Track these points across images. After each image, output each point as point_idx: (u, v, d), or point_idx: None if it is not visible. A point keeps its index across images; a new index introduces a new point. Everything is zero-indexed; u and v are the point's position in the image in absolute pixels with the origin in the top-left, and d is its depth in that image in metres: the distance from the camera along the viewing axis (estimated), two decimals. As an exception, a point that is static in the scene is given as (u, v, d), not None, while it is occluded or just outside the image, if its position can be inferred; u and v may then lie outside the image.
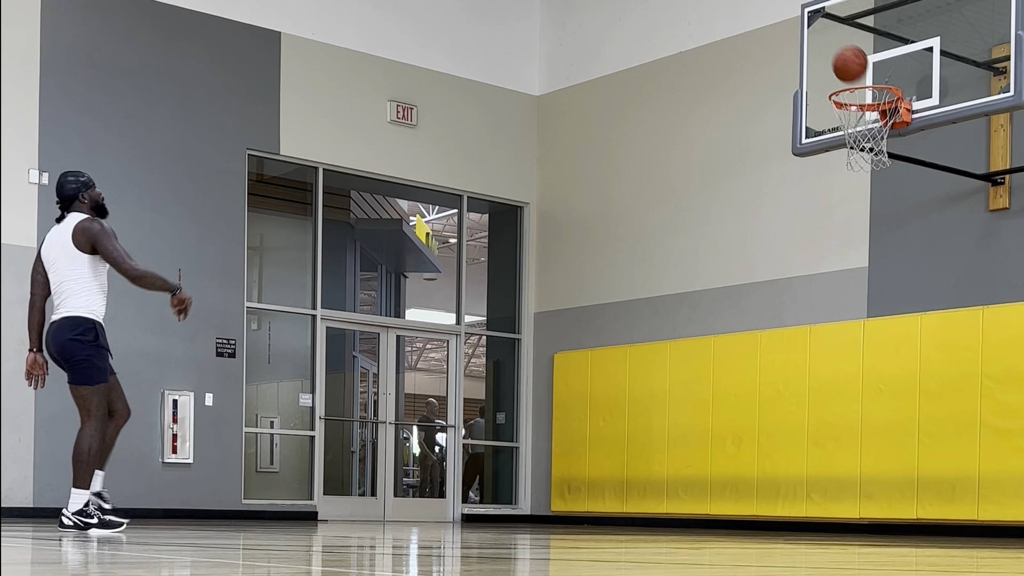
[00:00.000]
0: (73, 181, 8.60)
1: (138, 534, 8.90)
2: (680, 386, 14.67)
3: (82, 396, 8.64)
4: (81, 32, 13.32)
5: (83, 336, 8.49)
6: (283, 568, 5.11)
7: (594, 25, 16.09)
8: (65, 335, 8.50)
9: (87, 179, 8.69)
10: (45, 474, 12.90)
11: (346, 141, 15.14)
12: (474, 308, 18.35)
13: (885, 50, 11.02)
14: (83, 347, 8.51)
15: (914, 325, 12.56)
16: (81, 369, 8.55)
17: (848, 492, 12.99)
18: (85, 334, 8.49)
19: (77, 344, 8.51)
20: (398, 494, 16.55)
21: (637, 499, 14.99)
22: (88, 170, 13.20)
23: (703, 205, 14.80)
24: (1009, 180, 12.22)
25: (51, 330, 8.63)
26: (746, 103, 14.35)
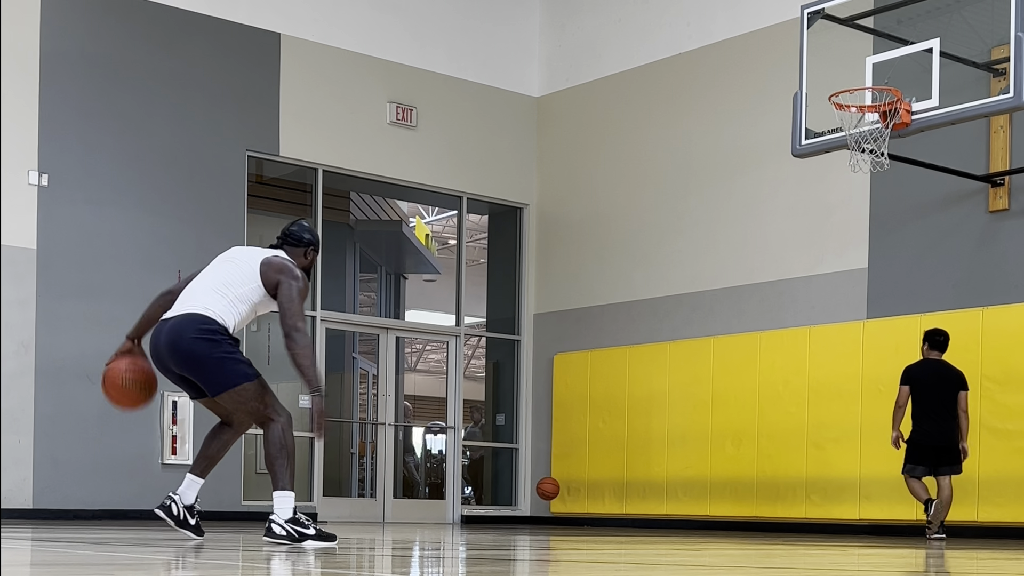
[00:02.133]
0: (310, 231, 7.51)
1: (138, 534, 8.89)
2: (680, 387, 14.67)
3: (245, 400, 7.20)
4: (81, 33, 13.32)
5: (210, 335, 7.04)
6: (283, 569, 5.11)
7: (593, 26, 16.09)
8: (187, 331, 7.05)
9: (317, 241, 7.59)
10: (45, 475, 12.90)
11: (345, 142, 15.14)
12: (474, 309, 18.34)
13: (885, 51, 11.02)
14: (214, 342, 7.03)
15: (914, 326, 12.55)
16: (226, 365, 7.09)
17: (848, 493, 12.99)
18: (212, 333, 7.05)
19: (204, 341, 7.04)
20: (398, 495, 16.54)
21: (637, 500, 14.99)
22: (88, 171, 13.28)
23: (703, 206, 14.80)
24: (1009, 181, 12.23)
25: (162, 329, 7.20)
26: (746, 104, 14.36)
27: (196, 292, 7.20)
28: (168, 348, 7.11)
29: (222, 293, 7.17)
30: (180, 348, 7.06)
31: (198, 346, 7.03)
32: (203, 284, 7.25)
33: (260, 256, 7.29)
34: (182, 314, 7.13)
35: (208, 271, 7.37)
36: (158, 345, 7.19)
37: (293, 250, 7.45)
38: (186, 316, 7.10)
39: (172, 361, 7.14)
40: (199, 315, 7.08)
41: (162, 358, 7.20)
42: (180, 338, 7.06)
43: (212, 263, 7.46)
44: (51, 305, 13.01)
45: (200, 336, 7.04)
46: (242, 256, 7.36)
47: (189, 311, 7.11)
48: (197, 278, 7.36)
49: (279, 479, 7.14)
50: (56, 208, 13.06)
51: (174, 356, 7.11)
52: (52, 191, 13.04)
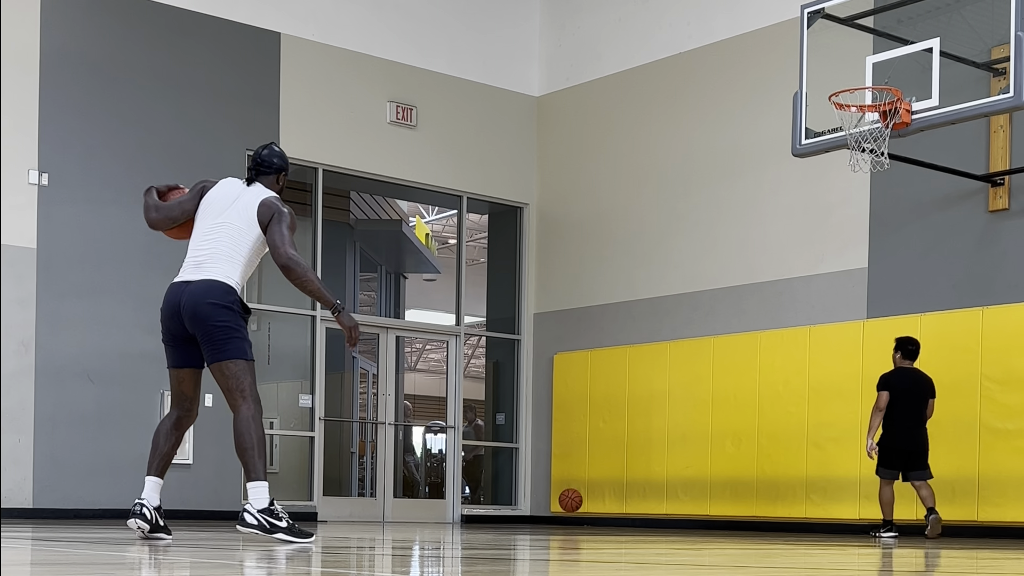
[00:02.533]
0: (280, 155, 7.65)
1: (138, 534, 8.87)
2: (680, 387, 14.67)
3: (233, 374, 7.29)
4: (81, 33, 13.32)
5: (232, 304, 7.25)
6: (283, 568, 5.11)
7: (594, 26, 16.09)
8: (208, 298, 7.23)
9: (288, 162, 7.76)
10: (45, 475, 12.90)
11: (346, 142, 15.14)
12: (474, 309, 18.34)
13: (885, 51, 11.02)
14: (233, 315, 7.25)
15: (914, 326, 12.56)
16: (232, 340, 7.25)
17: (848, 493, 12.99)
18: (233, 304, 7.26)
19: (226, 311, 7.23)
20: (398, 495, 16.54)
21: (637, 500, 14.99)
22: (87, 170, 13.27)
23: (703, 206, 14.80)
24: (1009, 181, 12.23)
25: (185, 290, 7.35)
26: (746, 104, 14.36)
27: (212, 254, 7.39)
28: (190, 308, 7.28)
29: (233, 258, 7.39)
30: (199, 312, 7.26)
31: (217, 313, 7.25)
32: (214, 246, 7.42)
33: (254, 203, 7.44)
34: (204, 279, 7.32)
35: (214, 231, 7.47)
36: (178, 303, 7.36)
37: (267, 178, 7.64)
38: (210, 282, 7.30)
39: (189, 321, 7.31)
40: (222, 283, 7.30)
41: (178, 316, 7.36)
42: (202, 302, 7.26)
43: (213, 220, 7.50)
44: (51, 305, 13.01)
45: (222, 304, 7.25)
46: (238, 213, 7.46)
47: (211, 277, 7.31)
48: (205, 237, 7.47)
49: (252, 469, 7.30)
50: (56, 208, 13.06)
51: (193, 317, 7.29)
52: (52, 191, 13.04)
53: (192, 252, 7.53)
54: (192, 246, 7.57)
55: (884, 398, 11.50)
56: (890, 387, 11.54)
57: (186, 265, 7.52)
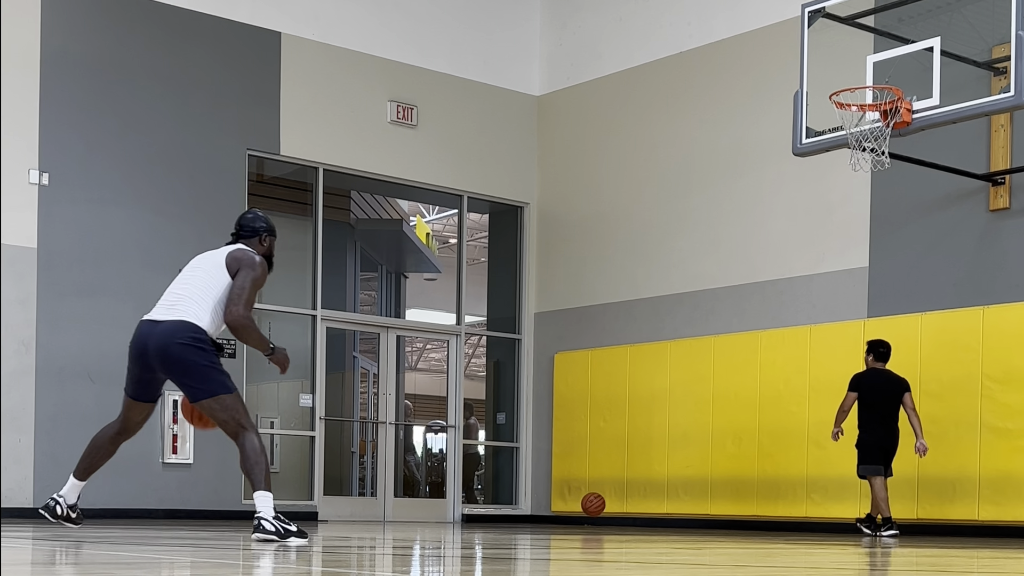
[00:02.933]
0: (262, 219, 7.98)
1: (138, 534, 8.90)
2: (680, 386, 14.67)
3: (225, 408, 7.50)
4: (81, 33, 13.32)
5: (201, 342, 7.45)
6: (283, 568, 5.10)
7: (594, 25, 16.09)
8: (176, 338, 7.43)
9: (273, 227, 8.02)
10: (45, 474, 12.89)
11: (346, 141, 15.14)
12: (474, 308, 18.34)
13: (885, 50, 11.02)
14: (203, 352, 7.45)
15: (914, 325, 12.56)
16: (211, 375, 7.46)
17: (848, 492, 12.98)
18: (201, 342, 7.46)
19: (195, 349, 7.44)
20: (398, 494, 16.54)
21: (637, 499, 14.99)
22: (88, 170, 13.27)
23: (703, 205, 14.80)
24: (1009, 180, 12.22)
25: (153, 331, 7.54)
26: (746, 103, 14.35)
27: (182, 297, 7.60)
28: (158, 350, 7.50)
29: (203, 301, 7.58)
30: (171, 353, 7.47)
31: (188, 353, 7.45)
32: (186, 290, 7.64)
33: (225, 253, 7.72)
34: (172, 320, 7.51)
35: (186, 277, 7.75)
36: (145, 344, 7.58)
37: (250, 240, 7.90)
38: (177, 323, 7.48)
39: (158, 362, 7.55)
40: (190, 323, 7.48)
41: (146, 356, 7.59)
42: (171, 343, 7.46)
43: (187, 270, 7.82)
44: (52, 304, 13.01)
45: (191, 343, 7.44)
46: (210, 260, 7.75)
47: (180, 318, 7.50)
48: (178, 282, 7.76)
49: (258, 482, 7.51)
50: (56, 207, 13.06)
51: (163, 359, 7.52)
52: (52, 190, 13.04)
53: (166, 294, 7.75)
54: (168, 289, 7.79)
55: (850, 400, 11.92)
56: (860, 387, 11.90)
57: (159, 304, 7.72)
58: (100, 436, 8.09)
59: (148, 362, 7.57)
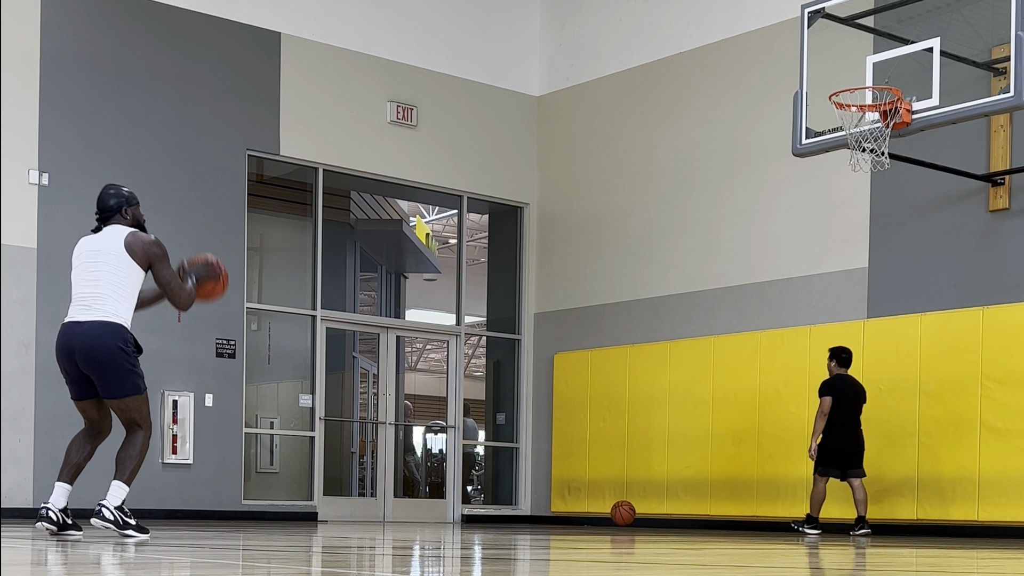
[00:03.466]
0: (115, 194, 8.01)
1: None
2: (680, 387, 14.67)
3: (130, 407, 7.82)
4: (81, 32, 13.32)
5: (126, 345, 7.71)
6: (283, 568, 5.10)
7: (594, 26, 16.09)
8: (107, 341, 7.67)
9: (130, 194, 8.07)
10: (45, 474, 12.88)
11: (346, 142, 15.14)
12: (474, 309, 18.33)
13: (885, 50, 11.02)
14: (127, 355, 7.72)
15: (914, 326, 12.56)
16: (129, 378, 7.74)
17: (848, 493, 12.98)
18: (127, 343, 7.73)
19: (121, 352, 7.69)
20: (398, 495, 16.54)
21: (637, 499, 14.99)
22: (88, 170, 13.26)
23: (703, 205, 14.80)
24: (1009, 181, 12.22)
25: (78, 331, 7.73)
26: (746, 103, 14.35)
27: (103, 296, 7.77)
28: (84, 351, 7.69)
29: (121, 296, 7.79)
30: (97, 355, 7.69)
31: (115, 356, 7.70)
32: (103, 288, 7.78)
33: (119, 240, 7.81)
34: (98, 321, 7.71)
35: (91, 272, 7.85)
36: (71, 344, 7.75)
37: (118, 219, 7.98)
38: (103, 324, 7.70)
39: (84, 362, 7.72)
40: (115, 324, 7.71)
41: (71, 356, 7.75)
42: (99, 344, 7.69)
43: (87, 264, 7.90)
44: (51, 305, 12.99)
45: (117, 346, 7.69)
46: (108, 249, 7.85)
47: (104, 319, 7.71)
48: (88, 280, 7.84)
49: (124, 472, 7.87)
50: (56, 207, 13.06)
51: (88, 359, 7.70)
52: (52, 190, 13.04)
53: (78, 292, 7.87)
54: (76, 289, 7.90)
55: (828, 403, 12.27)
56: (833, 392, 12.29)
57: (76, 304, 7.86)
58: (74, 442, 8.17)
59: (74, 361, 7.78)
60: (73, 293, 7.90)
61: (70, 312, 7.84)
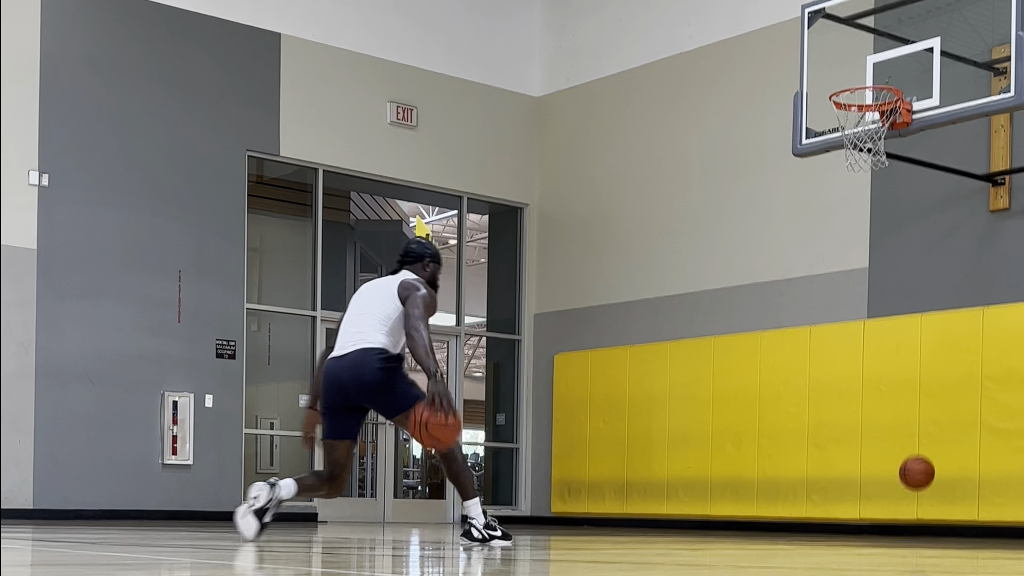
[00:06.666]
0: (426, 245, 8.27)
1: (138, 535, 8.89)
2: (680, 387, 14.66)
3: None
4: (81, 33, 13.32)
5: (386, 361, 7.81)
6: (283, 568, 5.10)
7: (594, 26, 16.09)
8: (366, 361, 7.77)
9: (436, 253, 8.29)
10: (45, 476, 12.90)
11: (346, 142, 15.14)
12: (474, 309, 18.34)
13: (885, 50, 11.01)
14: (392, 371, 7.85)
15: (914, 326, 12.55)
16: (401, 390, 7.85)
17: (848, 493, 12.98)
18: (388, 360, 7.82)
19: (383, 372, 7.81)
20: (398, 495, 16.53)
21: (637, 500, 14.98)
22: (87, 171, 13.28)
23: (703, 206, 14.79)
24: (1009, 181, 12.22)
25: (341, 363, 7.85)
26: (746, 103, 14.35)
27: (362, 328, 7.92)
28: (352, 380, 7.82)
29: (381, 328, 7.87)
30: (364, 379, 7.81)
31: (381, 376, 7.81)
32: (363, 322, 7.92)
33: (396, 283, 7.97)
34: (357, 349, 7.84)
35: (359, 309, 8.01)
36: (339, 378, 7.87)
37: (413, 266, 8.19)
38: (364, 350, 7.83)
39: (354, 391, 7.84)
40: (375, 348, 7.83)
41: (342, 389, 7.86)
42: (364, 370, 7.80)
43: (357, 302, 8.08)
44: (51, 305, 13.01)
45: (381, 367, 7.81)
46: (381, 290, 8.02)
47: (363, 346, 7.84)
48: (354, 315, 8.00)
49: (467, 491, 8.25)
50: (56, 208, 13.06)
51: (358, 386, 7.83)
52: (52, 191, 13.04)
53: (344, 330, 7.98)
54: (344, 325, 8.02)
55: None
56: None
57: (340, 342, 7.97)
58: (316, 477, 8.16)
59: (346, 394, 7.87)
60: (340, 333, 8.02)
61: (333, 352, 7.98)
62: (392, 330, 7.85)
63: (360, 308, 7.97)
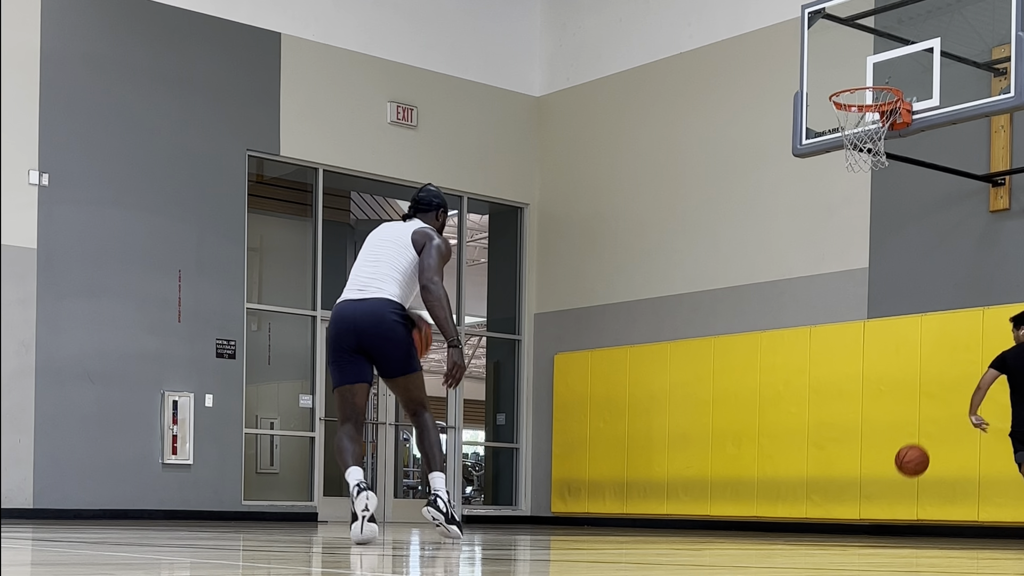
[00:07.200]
0: (436, 194, 8.08)
1: (138, 535, 8.89)
2: (680, 387, 14.67)
3: (418, 385, 7.80)
4: (81, 33, 13.32)
5: (403, 319, 7.62)
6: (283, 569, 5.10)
7: (594, 26, 16.09)
8: (386, 313, 7.57)
9: (445, 202, 8.14)
10: (45, 475, 12.90)
11: (346, 142, 15.14)
12: (474, 309, 18.34)
13: (886, 51, 11.01)
14: (407, 330, 7.64)
15: (914, 326, 12.55)
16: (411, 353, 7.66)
17: (848, 493, 12.99)
18: (404, 319, 7.63)
19: (402, 327, 7.61)
20: (398, 495, 16.54)
21: (637, 500, 14.99)
22: (87, 171, 13.28)
23: (703, 206, 14.80)
24: (1010, 181, 12.22)
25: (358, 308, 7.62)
26: (746, 103, 14.35)
27: (378, 276, 7.72)
28: (370, 326, 7.59)
29: (399, 280, 7.71)
30: (382, 329, 7.59)
31: (398, 330, 7.61)
32: (379, 270, 7.74)
33: (410, 230, 7.82)
34: (376, 298, 7.64)
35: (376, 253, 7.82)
36: (356, 321, 7.62)
37: (426, 215, 8.01)
38: (383, 300, 7.63)
39: (367, 337, 7.61)
40: (393, 301, 7.64)
41: (356, 332, 7.62)
42: (383, 320, 7.59)
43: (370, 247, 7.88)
44: (51, 305, 13.01)
45: (399, 321, 7.61)
46: (395, 239, 7.83)
47: (382, 295, 7.65)
48: (368, 261, 7.81)
49: (436, 460, 7.85)
50: (56, 208, 13.06)
51: (373, 334, 7.60)
52: (52, 191, 13.04)
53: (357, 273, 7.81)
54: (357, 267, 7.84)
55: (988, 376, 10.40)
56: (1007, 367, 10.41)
57: (352, 286, 7.80)
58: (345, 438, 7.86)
59: (358, 338, 7.62)
60: (350, 276, 7.82)
61: (344, 294, 7.76)
62: (406, 282, 7.70)
63: (374, 255, 7.78)
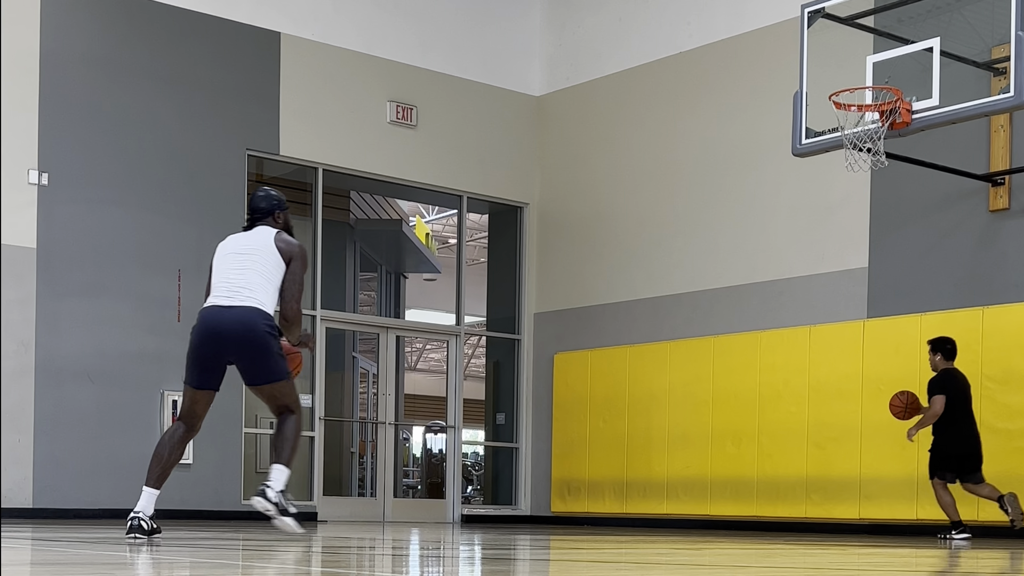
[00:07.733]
0: (272, 197, 7.98)
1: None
2: (680, 387, 14.67)
3: (284, 392, 7.74)
4: (81, 32, 13.32)
5: (273, 330, 7.60)
6: (283, 568, 5.10)
7: (594, 26, 16.09)
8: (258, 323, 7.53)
9: (282, 200, 8.03)
10: (45, 474, 12.90)
11: (346, 141, 15.14)
12: (474, 309, 18.33)
13: (885, 50, 11.01)
14: (276, 340, 7.61)
15: (914, 326, 12.55)
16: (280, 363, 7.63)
17: (848, 493, 12.99)
18: (274, 329, 7.62)
19: (273, 339, 7.58)
20: (398, 495, 16.54)
21: (637, 500, 14.99)
22: (87, 170, 13.28)
23: (703, 205, 14.80)
24: (1009, 181, 12.22)
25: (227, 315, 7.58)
26: (746, 103, 14.35)
27: (250, 284, 7.64)
28: (238, 334, 7.55)
29: (267, 289, 7.66)
30: (253, 339, 7.55)
31: (269, 341, 7.57)
32: (250, 279, 7.66)
33: (270, 238, 7.74)
34: (248, 306, 7.58)
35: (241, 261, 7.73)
36: (222, 329, 7.58)
37: (266, 220, 7.92)
38: (255, 310, 7.57)
39: (235, 346, 7.56)
40: (264, 312, 7.59)
41: (222, 340, 7.58)
42: (254, 330, 7.55)
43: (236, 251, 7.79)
44: (51, 304, 13.01)
45: (269, 332, 7.58)
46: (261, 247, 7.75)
47: (254, 304, 7.58)
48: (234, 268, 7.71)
49: (283, 454, 7.76)
50: (56, 207, 13.06)
51: (242, 343, 7.56)
52: (52, 190, 13.04)
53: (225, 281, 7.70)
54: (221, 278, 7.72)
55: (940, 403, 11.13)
56: (947, 390, 11.12)
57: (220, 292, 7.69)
58: (166, 442, 7.90)
59: (224, 347, 7.59)
60: (215, 283, 7.73)
61: (212, 299, 7.68)
62: (274, 290, 7.66)
63: (239, 263, 7.69)
